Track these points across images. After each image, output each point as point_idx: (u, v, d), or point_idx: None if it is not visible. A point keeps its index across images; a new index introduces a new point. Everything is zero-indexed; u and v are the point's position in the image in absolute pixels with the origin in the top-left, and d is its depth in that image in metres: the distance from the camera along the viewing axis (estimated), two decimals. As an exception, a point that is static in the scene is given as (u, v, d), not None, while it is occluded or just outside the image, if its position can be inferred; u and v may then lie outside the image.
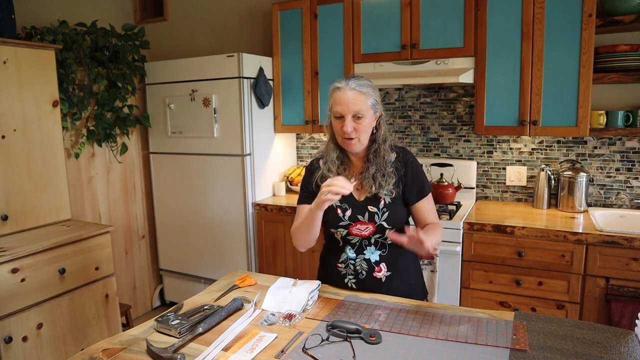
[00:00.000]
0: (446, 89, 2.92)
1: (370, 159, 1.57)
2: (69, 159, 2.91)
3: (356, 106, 1.48)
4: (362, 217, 1.56)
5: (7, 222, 2.31)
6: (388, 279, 1.58)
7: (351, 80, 1.52)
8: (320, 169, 1.63)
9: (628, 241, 2.06)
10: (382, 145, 1.57)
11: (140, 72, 3.24)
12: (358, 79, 1.53)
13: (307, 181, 1.66)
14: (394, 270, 1.59)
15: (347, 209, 1.58)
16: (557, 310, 2.24)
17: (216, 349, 1.21)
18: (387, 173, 1.56)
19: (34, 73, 2.39)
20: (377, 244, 1.58)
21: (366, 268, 1.58)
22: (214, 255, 3.19)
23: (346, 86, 1.50)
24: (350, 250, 1.60)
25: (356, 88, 1.50)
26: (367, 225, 1.56)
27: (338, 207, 1.59)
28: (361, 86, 1.51)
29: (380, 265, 1.58)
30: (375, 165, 1.56)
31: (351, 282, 1.61)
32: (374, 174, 1.55)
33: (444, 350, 1.18)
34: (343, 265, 1.62)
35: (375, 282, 1.58)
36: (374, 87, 1.55)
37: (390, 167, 1.58)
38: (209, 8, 3.59)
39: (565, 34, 2.30)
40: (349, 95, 1.49)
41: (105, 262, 2.46)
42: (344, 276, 1.62)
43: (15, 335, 2.04)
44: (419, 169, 1.62)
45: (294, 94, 3.07)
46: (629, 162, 2.53)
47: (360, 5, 2.76)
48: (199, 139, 3.11)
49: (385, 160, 1.57)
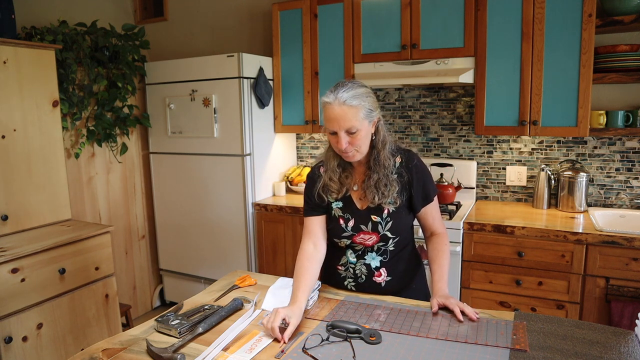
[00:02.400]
0: (446, 89, 2.92)
1: (372, 166, 1.51)
2: (69, 159, 2.91)
3: (347, 123, 1.39)
4: (365, 227, 1.52)
5: (7, 222, 2.31)
6: (388, 283, 1.57)
7: (340, 91, 1.39)
8: (322, 178, 1.57)
9: (628, 241, 2.06)
10: (381, 151, 1.50)
11: (140, 72, 3.24)
12: (348, 88, 1.40)
13: (310, 192, 1.59)
14: (394, 275, 1.57)
15: (350, 219, 1.54)
16: (557, 310, 2.24)
17: (216, 349, 1.21)
18: (389, 181, 1.49)
19: (34, 73, 2.39)
20: (378, 250, 1.56)
21: (366, 273, 1.57)
22: (214, 255, 3.19)
23: (334, 101, 1.39)
24: (352, 254, 1.58)
25: (346, 102, 1.38)
26: (370, 235, 1.53)
27: (340, 217, 1.55)
28: (352, 98, 1.38)
29: (380, 271, 1.56)
30: (377, 174, 1.49)
31: (350, 285, 1.60)
32: (377, 183, 1.49)
33: (444, 350, 1.18)
34: (343, 268, 1.61)
35: (374, 286, 1.57)
36: (366, 94, 1.43)
37: (394, 173, 1.51)
38: (209, 8, 3.59)
39: (565, 34, 2.30)
40: (338, 112, 1.38)
41: (105, 262, 2.46)
42: (344, 279, 1.61)
43: (15, 335, 2.04)
44: (423, 174, 1.55)
45: (294, 94, 3.07)
46: (629, 162, 2.53)
47: (360, 5, 2.76)
48: (199, 139, 3.11)
49: (387, 166, 1.50)
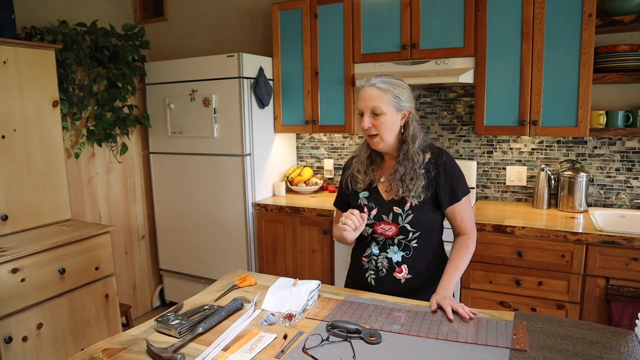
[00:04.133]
0: (446, 89, 2.92)
1: (401, 160, 1.55)
2: (69, 159, 2.91)
3: (372, 102, 1.50)
4: (386, 217, 1.56)
5: (7, 222, 2.31)
6: (408, 281, 1.57)
7: (377, 77, 1.53)
8: (352, 167, 1.66)
9: (628, 241, 2.06)
10: (411, 145, 1.54)
11: (140, 72, 3.24)
12: (385, 76, 1.54)
13: (342, 180, 1.71)
14: (415, 273, 1.57)
15: (374, 208, 1.58)
16: (557, 310, 2.24)
17: (216, 349, 1.21)
18: (416, 176, 1.53)
19: (34, 73, 2.39)
20: (400, 244, 1.57)
21: (387, 266, 1.58)
22: (214, 255, 3.19)
23: (367, 84, 1.53)
24: (375, 246, 1.60)
25: (376, 84, 1.51)
26: (390, 226, 1.55)
27: (365, 206, 1.60)
28: (382, 83, 1.51)
29: (402, 267, 1.57)
30: (405, 167, 1.54)
31: (371, 278, 1.61)
32: (403, 176, 1.53)
33: (444, 350, 1.18)
34: (367, 259, 1.62)
35: (394, 282, 1.58)
36: (400, 85, 1.53)
37: (422, 168, 1.54)
38: (209, 8, 3.59)
39: (565, 34, 2.30)
40: (367, 93, 1.51)
41: (105, 262, 2.46)
42: (366, 270, 1.62)
43: (15, 335, 2.04)
44: (453, 172, 1.56)
45: (294, 94, 3.07)
46: (629, 162, 2.53)
47: (360, 5, 2.76)
48: (199, 139, 3.11)
49: (415, 161, 1.53)
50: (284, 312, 1.41)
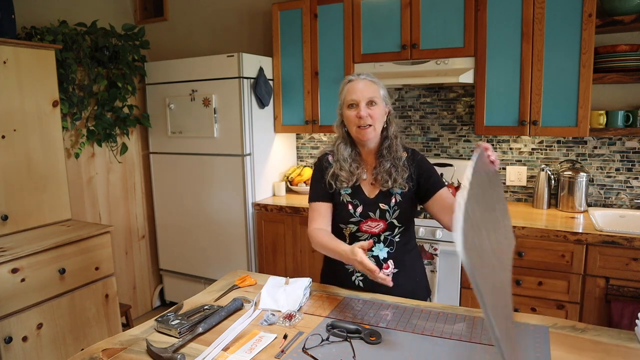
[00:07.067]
0: (446, 89, 2.92)
1: (384, 154, 1.59)
2: (69, 159, 2.91)
3: (369, 92, 1.55)
4: (373, 214, 1.58)
5: (7, 222, 2.30)
6: (395, 275, 1.57)
7: (362, 74, 1.61)
8: (331, 166, 1.63)
9: (628, 241, 2.06)
10: (394, 140, 1.60)
11: (140, 72, 3.24)
12: (368, 74, 1.62)
13: (318, 177, 1.66)
14: (401, 267, 1.60)
15: (358, 206, 1.59)
16: (557, 310, 2.24)
17: (216, 349, 1.21)
18: (400, 167, 1.58)
19: (34, 73, 2.39)
20: (385, 241, 1.59)
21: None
22: (214, 255, 3.19)
23: (357, 77, 1.59)
24: None
25: (367, 78, 1.59)
26: (377, 223, 1.57)
27: (349, 203, 1.60)
28: (371, 77, 1.60)
29: (388, 262, 1.58)
30: (388, 160, 1.58)
31: (358, 280, 1.61)
32: (389, 169, 1.57)
33: (444, 350, 1.18)
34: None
35: None
36: (382, 84, 1.63)
37: (402, 163, 1.60)
38: (209, 8, 3.59)
39: (565, 34, 2.30)
40: (362, 84, 1.57)
41: (105, 262, 2.46)
42: (351, 274, 1.62)
43: (15, 335, 2.04)
44: (429, 166, 1.64)
45: (294, 94, 3.07)
46: (629, 162, 2.53)
47: (360, 5, 2.76)
48: (199, 139, 3.11)
49: (398, 155, 1.59)
50: (284, 312, 1.41)
